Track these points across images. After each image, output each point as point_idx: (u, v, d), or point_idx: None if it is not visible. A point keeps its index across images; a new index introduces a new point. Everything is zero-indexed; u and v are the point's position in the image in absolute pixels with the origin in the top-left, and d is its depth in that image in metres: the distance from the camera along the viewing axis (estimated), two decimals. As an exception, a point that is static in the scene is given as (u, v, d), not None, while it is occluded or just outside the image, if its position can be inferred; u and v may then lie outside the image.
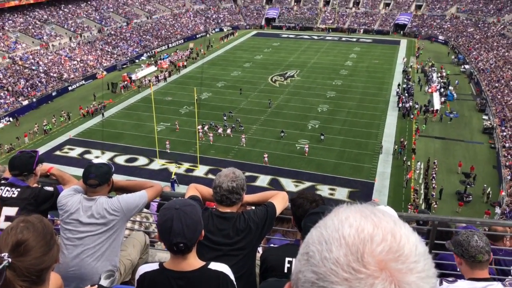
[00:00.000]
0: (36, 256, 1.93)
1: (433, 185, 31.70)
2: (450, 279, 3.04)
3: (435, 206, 29.14)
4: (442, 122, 42.88)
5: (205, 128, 39.15)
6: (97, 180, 3.39)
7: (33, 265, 1.91)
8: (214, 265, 2.40)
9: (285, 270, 2.96)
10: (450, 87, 51.48)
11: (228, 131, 39.30)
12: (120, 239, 3.49)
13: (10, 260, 0.93)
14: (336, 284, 0.69)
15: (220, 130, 39.40)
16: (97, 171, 3.41)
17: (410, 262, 0.71)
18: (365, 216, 0.77)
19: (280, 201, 3.38)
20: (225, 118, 41.92)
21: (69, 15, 69.94)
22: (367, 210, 0.80)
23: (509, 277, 3.75)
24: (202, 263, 2.41)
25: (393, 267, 0.69)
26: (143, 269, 2.47)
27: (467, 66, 59.34)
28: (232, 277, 2.40)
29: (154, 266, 2.45)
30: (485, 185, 31.34)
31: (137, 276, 2.47)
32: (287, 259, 3.00)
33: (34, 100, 47.50)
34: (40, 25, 63.86)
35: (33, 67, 53.45)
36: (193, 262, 2.39)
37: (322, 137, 38.18)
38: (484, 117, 43.79)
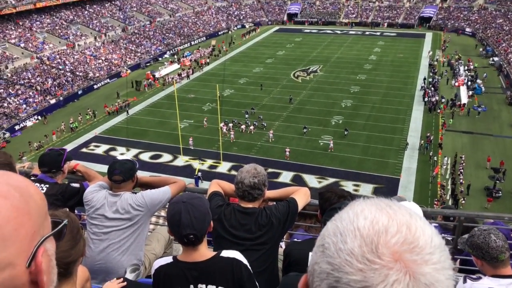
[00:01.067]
0: (63, 249, 2.00)
1: (461, 180, 30.99)
2: (474, 276, 2.97)
3: (463, 202, 28.50)
4: (470, 116, 41.84)
5: (230, 125, 39.30)
6: (121, 176, 3.46)
7: (60, 258, 1.98)
8: (226, 253, 2.44)
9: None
10: (478, 80, 50.13)
11: (251, 127, 39.38)
12: (144, 234, 3.56)
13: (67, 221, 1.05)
14: (350, 275, 0.70)
15: (243, 127, 39.52)
16: (121, 167, 3.48)
17: (425, 254, 0.71)
18: (380, 209, 0.77)
19: (302, 197, 3.37)
20: (247, 115, 41.94)
21: (94, 15, 71.26)
22: (383, 203, 0.80)
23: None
24: (214, 253, 2.46)
25: (408, 258, 0.69)
26: (158, 263, 2.53)
27: (496, 59, 57.64)
28: (245, 262, 2.44)
29: (168, 259, 2.51)
30: (515, 181, 30.49)
31: (152, 270, 2.53)
32: (310, 253, 2.99)
33: (61, 98, 48.69)
34: (66, 26, 65.30)
35: (60, 67, 54.75)
36: (205, 252, 2.44)
37: (346, 132, 37.81)
38: (514, 110, 42.49)
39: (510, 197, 29.71)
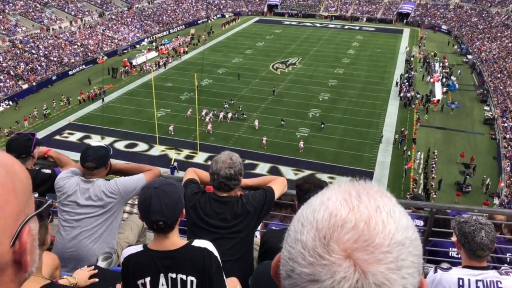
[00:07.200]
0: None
1: (433, 175, 31.75)
2: (444, 266, 3.01)
3: (434, 196, 29.22)
4: (444, 112, 42.75)
5: (210, 115, 39.18)
6: (94, 162, 3.39)
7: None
8: (198, 242, 2.41)
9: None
10: (453, 77, 51.21)
11: (229, 115, 39.30)
12: (117, 222, 3.50)
13: (52, 200, 1.02)
14: (302, 267, 0.70)
15: (221, 115, 39.40)
16: (94, 154, 3.41)
17: (380, 253, 0.68)
18: (346, 199, 0.74)
19: (279, 186, 3.37)
20: (226, 106, 41.75)
21: (70, -2, 69.29)
22: (355, 190, 0.77)
23: (505, 265, 3.76)
24: (186, 241, 2.42)
25: (359, 257, 0.67)
26: (127, 251, 2.46)
27: (469, 56, 58.96)
28: (216, 253, 2.41)
29: (138, 248, 2.44)
30: (484, 176, 31.39)
31: (121, 259, 2.46)
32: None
33: (34, 84, 47.35)
34: (41, 8, 63.33)
35: (33, 51, 53.17)
36: (176, 241, 2.40)
37: (322, 125, 38.11)
38: (486, 107, 43.66)
39: (479, 192, 30.65)
